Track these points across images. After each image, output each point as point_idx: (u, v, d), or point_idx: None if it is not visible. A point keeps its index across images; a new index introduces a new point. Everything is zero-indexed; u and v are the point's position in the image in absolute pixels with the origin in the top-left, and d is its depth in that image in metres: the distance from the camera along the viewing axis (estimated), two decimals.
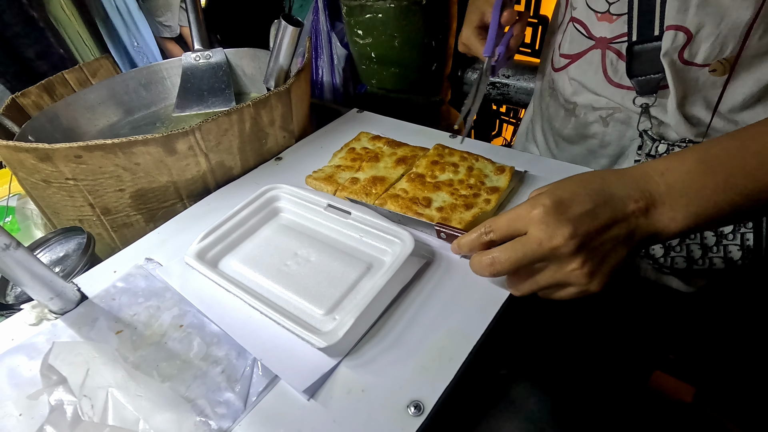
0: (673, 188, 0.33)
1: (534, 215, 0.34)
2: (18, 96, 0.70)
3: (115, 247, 0.60)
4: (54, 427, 0.29)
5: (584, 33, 0.55)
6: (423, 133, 0.66)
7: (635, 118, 0.54)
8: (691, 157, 0.34)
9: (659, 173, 0.34)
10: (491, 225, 0.37)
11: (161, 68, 0.82)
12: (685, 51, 0.47)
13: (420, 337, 0.37)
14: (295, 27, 0.59)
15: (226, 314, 0.41)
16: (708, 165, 0.33)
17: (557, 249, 0.33)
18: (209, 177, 0.58)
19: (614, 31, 0.52)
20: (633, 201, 0.33)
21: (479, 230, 0.38)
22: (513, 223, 0.35)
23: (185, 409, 0.31)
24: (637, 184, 0.34)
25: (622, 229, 0.33)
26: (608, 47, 0.53)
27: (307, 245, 0.47)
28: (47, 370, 0.32)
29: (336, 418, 0.33)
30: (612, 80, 0.54)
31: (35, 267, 0.39)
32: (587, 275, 0.33)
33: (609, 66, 0.54)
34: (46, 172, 0.50)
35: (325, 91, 1.12)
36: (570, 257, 0.33)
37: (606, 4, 0.52)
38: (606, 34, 0.53)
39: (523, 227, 0.34)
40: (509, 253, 0.35)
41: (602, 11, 0.52)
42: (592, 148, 0.61)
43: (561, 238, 0.32)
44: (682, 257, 0.51)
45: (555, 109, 0.65)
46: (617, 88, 0.54)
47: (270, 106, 0.59)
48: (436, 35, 0.96)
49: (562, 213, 0.33)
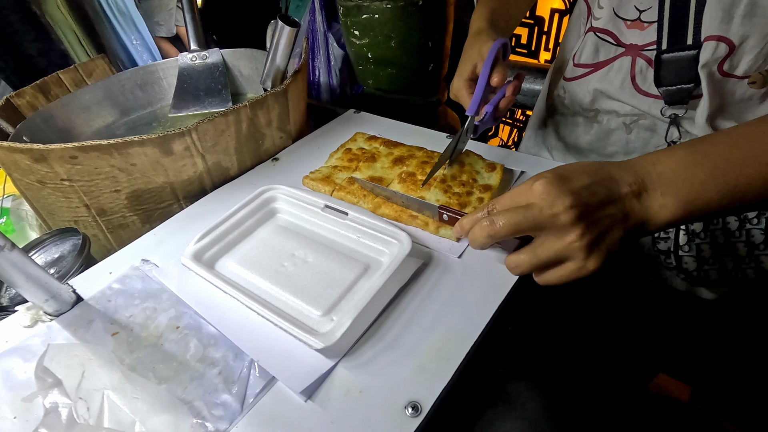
0: (663, 176, 0.34)
1: (536, 186, 0.34)
2: (12, 96, 0.70)
3: (111, 248, 0.59)
4: (49, 430, 0.29)
5: (612, 41, 0.54)
6: (419, 133, 0.66)
7: (662, 126, 0.53)
8: (681, 150, 0.35)
9: (651, 163, 0.35)
10: (494, 202, 0.37)
11: (157, 69, 0.82)
12: (726, 63, 0.46)
13: (417, 337, 0.37)
14: (292, 27, 0.59)
15: (223, 316, 0.40)
16: (695, 157, 0.34)
17: (557, 216, 0.33)
18: (206, 178, 0.58)
19: (646, 38, 0.51)
20: (627, 184, 0.34)
21: (482, 208, 0.38)
22: (515, 197, 0.36)
23: (182, 411, 0.31)
24: (631, 170, 0.35)
25: (618, 209, 0.34)
26: (639, 54, 0.52)
27: (305, 246, 0.47)
28: (42, 373, 0.32)
29: (334, 419, 0.33)
30: (640, 88, 0.53)
31: (30, 268, 0.39)
32: (585, 248, 0.33)
33: (638, 73, 0.53)
34: (42, 172, 0.50)
35: (321, 92, 1.12)
36: (569, 227, 0.33)
37: (636, 12, 0.51)
38: (637, 41, 0.52)
39: (525, 200, 0.35)
40: (508, 216, 0.35)
41: (632, 19, 0.51)
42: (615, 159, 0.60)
43: (561, 206, 0.33)
44: (715, 269, 0.51)
45: (570, 121, 0.64)
46: (644, 97, 0.53)
47: (267, 107, 0.59)
48: (432, 36, 0.96)
49: (563, 185, 0.34)
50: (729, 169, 0.33)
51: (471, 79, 0.55)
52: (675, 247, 0.52)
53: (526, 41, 1.28)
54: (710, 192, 0.34)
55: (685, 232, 0.51)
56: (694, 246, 0.51)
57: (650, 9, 0.50)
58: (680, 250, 0.52)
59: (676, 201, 0.34)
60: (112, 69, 0.84)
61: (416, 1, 0.89)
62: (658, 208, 0.34)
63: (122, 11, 1.79)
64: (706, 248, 0.51)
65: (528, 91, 0.93)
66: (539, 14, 1.21)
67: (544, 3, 1.18)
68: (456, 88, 0.56)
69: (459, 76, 0.56)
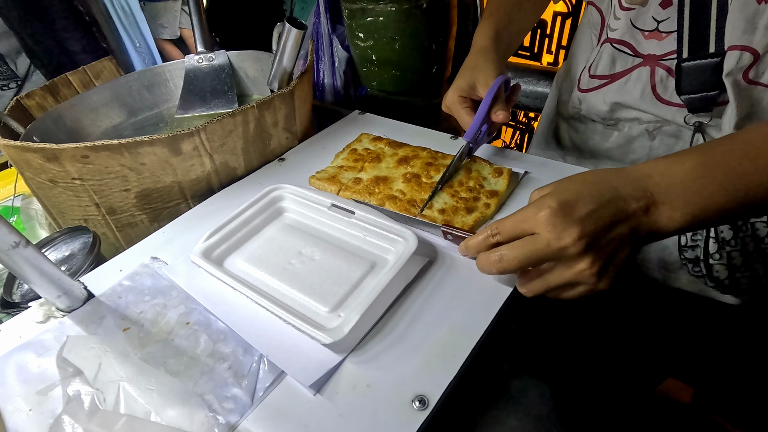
0: (672, 189, 0.34)
1: (541, 217, 0.34)
2: (22, 97, 0.71)
3: (120, 246, 0.60)
4: (72, 417, 0.30)
5: (629, 52, 0.54)
6: (424, 134, 0.67)
7: (686, 133, 0.53)
8: (691, 159, 0.35)
9: (659, 173, 0.35)
10: (498, 227, 0.37)
11: (164, 70, 0.83)
12: (751, 71, 0.46)
13: (424, 333, 0.38)
14: (299, 30, 0.60)
15: (232, 312, 0.41)
16: (707, 167, 0.34)
17: (565, 249, 0.33)
18: (213, 177, 0.58)
19: (664, 48, 0.51)
20: (635, 200, 0.34)
21: (486, 232, 0.38)
22: (519, 224, 0.36)
23: (196, 403, 0.32)
24: (638, 183, 0.35)
25: (625, 228, 0.34)
26: (658, 64, 0.52)
27: (312, 244, 0.48)
28: (63, 363, 0.32)
29: (342, 412, 0.33)
30: (662, 97, 0.53)
31: (43, 265, 0.39)
32: (596, 275, 0.34)
33: (658, 83, 0.53)
34: (53, 171, 0.51)
35: (326, 94, 1.13)
36: (579, 257, 0.34)
37: (654, 22, 0.51)
38: (655, 52, 0.52)
39: (530, 229, 0.35)
40: (517, 251, 0.35)
41: (650, 29, 0.51)
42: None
43: (569, 239, 0.33)
44: (746, 277, 0.51)
45: (587, 128, 0.64)
46: (667, 105, 0.53)
47: (274, 108, 0.60)
48: (436, 38, 0.97)
49: (568, 214, 0.33)
50: (739, 178, 0.33)
51: (466, 97, 0.56)
52: (705, 256, 0.51)
53: (529, 44, 1.29)
54: (719, 202, 0.34)
55: (715, 240, 0.50)
56: (724, 254, 0.50)
57: (668, 19, 0.50)
58: (710, 259, 0.51)
59: (684, 213, 0.34)
60: (120, 70, 0.85)
61: (420, 3, 0.90)
62: (666, 221, 0.34)
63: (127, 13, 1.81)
64: (736, 256, 0.50)
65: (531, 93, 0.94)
66: (542, 17, 1.22)
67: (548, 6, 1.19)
68: (450, 101, 0.57)
69: (454, 91, 0.57)
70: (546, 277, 0.36)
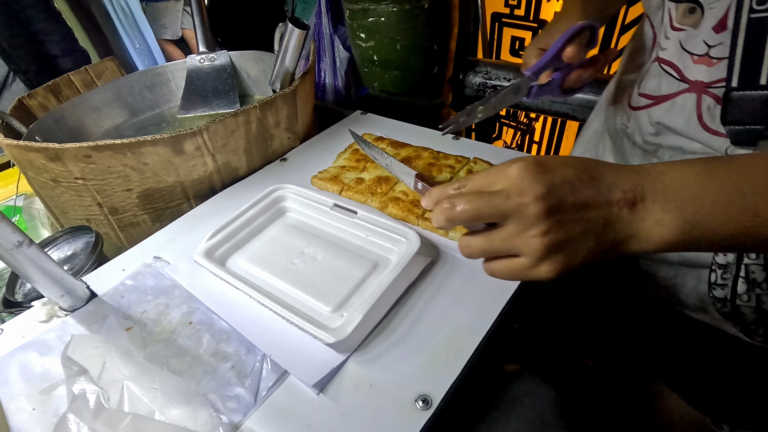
0: (669, 188, 0.30)
1: (511, 169, 0.30)
2: (25, 97, 0.71)
3: (122, 246, 0.60)
4: (77, 416, 0.30)
5: (675, 75, 0.50)
6: (425, 134, 0.67)
7: None
8: (700, 163, 0.31)
9: (659, 171, 0.31)
10: (466, 180, 0.33)
11: (166, 70, 0.83)
12: None
13: (426, 333, 0.38)
14: (302, 30, 0.60)
15: (235, 311, 0.41)
16: (716, 173, 0.29)
17: (523, 206, 0.29)
18: (215, 177, 0.58)
19: (713, 75, 0.47)
20: (621, 190, 0.30)
21: (455, 182, 0.34)
22: (489, 177, 0.32)
23: (200, 402, 0.32)
24: (631, 175, 0.31)
25: (599, 215, 0.30)
26: (705, 92, 0.48)
27: (314, 244, 0.48)
28: (68, 362, 0.32)
29: (345, 411, 0.33)
30: (709, 127, 0.49)
31: (46, 264, 0.39)
32: (544, 248, 0.30)
33: (705, 112, 0.48)
34: (56, 171, 0.51)
35: (327, 94, 1.13)
36: (534, 220, 0.29)
37: (705, 47, 0.47)
38: (703, 78, 0.48)
39: (497, 181, 0.31)
40: (471, 200, 0.31)
41: (700, 54, 0.47)
42: None
43: (531, 195, 0.29)
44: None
45: (627, 150, 0.60)
46: (714, 135, 0.48)
47: (276, 108, 0.60)
48: (437, 39, 0.97)
49: (540, 173, 0.30)
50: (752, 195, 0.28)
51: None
52: (732, 296, 0.46)
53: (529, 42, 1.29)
54: (721, 217, 0.29)
55: (745, 280, 0.46)
56: (753, 296, 0.46)
57: (721, 45, 0.46)
58: (738, 299, 0.47)
59: (677, 219, 0.29)
60: (122, 71, 0.85)
61: (422, 4, 0.90)
62: (654, 223, 0.30)
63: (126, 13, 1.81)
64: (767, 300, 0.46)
65: None
66: (543, 17, 1.22)
67: (549, 6, 1.19)
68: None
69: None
70: (492, 234, 0.32)
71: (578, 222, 0.30)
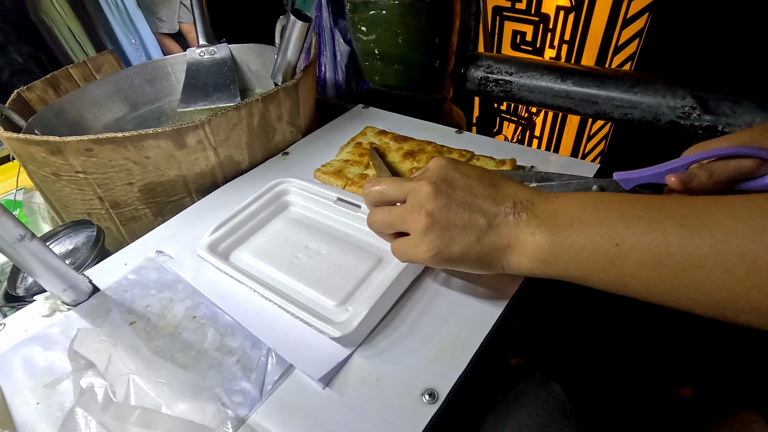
0: (553, 210, 0.30)
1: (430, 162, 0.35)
2: (23, 90, 0.70)
3: (123, 240, 0.60)
4: (85, 410, 0.29)
5: None
6: (428, 128, 0.67)
7: None
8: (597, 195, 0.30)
9: (555, 196, 0.31)
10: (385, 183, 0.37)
11: (166, 63, 0.82)
12: None
13: (432, 327, 0.38)
14: (304, 22, 0.59)
15: (239, 305, 0.41)
16: (601, 200, 0.29)
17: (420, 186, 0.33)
18: (218, 171, 0.58)
19: None
20: (512, 200, 0.32)
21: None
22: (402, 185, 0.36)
23: (207, 396, 0.32)
24: (528, 192, 0.32)
25: (485, 214, 0.31)
26: None
27: (318, 238, 0.47)
28: (74, 356, 0.32)
29: (351, 405, 0.33)
30: None
31: (49, 258, 0.39)
32: (425, 227, 0.32)
33: None
34: (57, 165, 0.50)
35: (327, 88, 1.12)
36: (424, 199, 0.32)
37: None
38: None
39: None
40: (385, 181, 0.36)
41: None
42: None
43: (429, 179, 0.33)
44: None
45: None
46: None
47: (278, 101, 0.59)
48: (439, 32, 0.96)
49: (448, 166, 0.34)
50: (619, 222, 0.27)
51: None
52: None
53: (531, 38, 1.28)
54: (587, 242, 0.28)
55: None
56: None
57: None
58: None
59: (547, 236, 0.29)
60: (121, 64, 0.84)
61: None
62: (528, 235, 0.30)
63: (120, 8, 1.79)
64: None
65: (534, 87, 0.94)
66: (544, 11, 1.21)
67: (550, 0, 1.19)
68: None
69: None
70: (392, 208, 0.35)
71: (464, 213, 0.32)
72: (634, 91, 0.77)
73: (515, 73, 0.97)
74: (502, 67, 0.99)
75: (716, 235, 0.24)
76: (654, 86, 0.76)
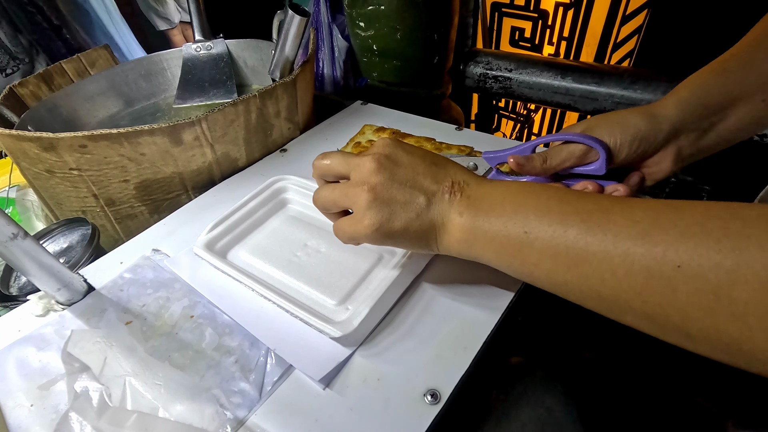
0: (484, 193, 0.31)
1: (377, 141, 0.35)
2: (16, 86, 0.69)
3: (119, 238, 0.59)
4: (80, 414, 0.29)
5: None
6: (427, 125, 0.66)
7: None
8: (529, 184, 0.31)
9: (490, 180, 0.33)
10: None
11: (161, 59, 0.81)
12: None
13: (434, 326, 0.38)
14: (303, 17, 0.59)
15: (237, 305, 0.40)
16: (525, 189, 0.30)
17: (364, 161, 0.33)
18: (215, 168, 0.57)
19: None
20: (450, 181, 0.32)
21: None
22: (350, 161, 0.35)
23: (205, 398, 0.31)
24: (467, 175, 0.33)
25: (424, 191, 0.32)
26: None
27: (317, 236, 0.47)
28: (68, 358, 0.31)
29: (353, 406, 0.33)
30: None
31: (42, 257, 0.38)
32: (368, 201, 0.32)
33: None
34: (50, 161, 0.49)
35: (325, 84, 1.11)
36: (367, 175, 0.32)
37: None
38: None
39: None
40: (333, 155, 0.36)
41: None
42: None
43: (373, 154, 0.33)
44: None
45: None
46: None
47: (276, 97, 0.58)
48: (438, 29, 0.95)
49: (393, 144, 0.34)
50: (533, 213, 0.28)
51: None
52: None
53: (530, 35, 1.28)
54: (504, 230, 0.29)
55: None
56: None
57: None
58: None
59: (470, 218, 0.30)
60: (115, 59, 0.83)
61: None
62: (456, 215, 0.31)
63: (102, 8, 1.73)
64: None
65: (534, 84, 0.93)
66: (543, 8, 1.21)
67: None
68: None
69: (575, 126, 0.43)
70: (336, 185, 0.36)
71: (405, 190, 0.32)
72: (635, 87, 0.77)
73: (515, 70, 0.96)
74: (501, 63, 0.98)
75: (607, 233, 0.24)
76: (655, 83, 0.75)
